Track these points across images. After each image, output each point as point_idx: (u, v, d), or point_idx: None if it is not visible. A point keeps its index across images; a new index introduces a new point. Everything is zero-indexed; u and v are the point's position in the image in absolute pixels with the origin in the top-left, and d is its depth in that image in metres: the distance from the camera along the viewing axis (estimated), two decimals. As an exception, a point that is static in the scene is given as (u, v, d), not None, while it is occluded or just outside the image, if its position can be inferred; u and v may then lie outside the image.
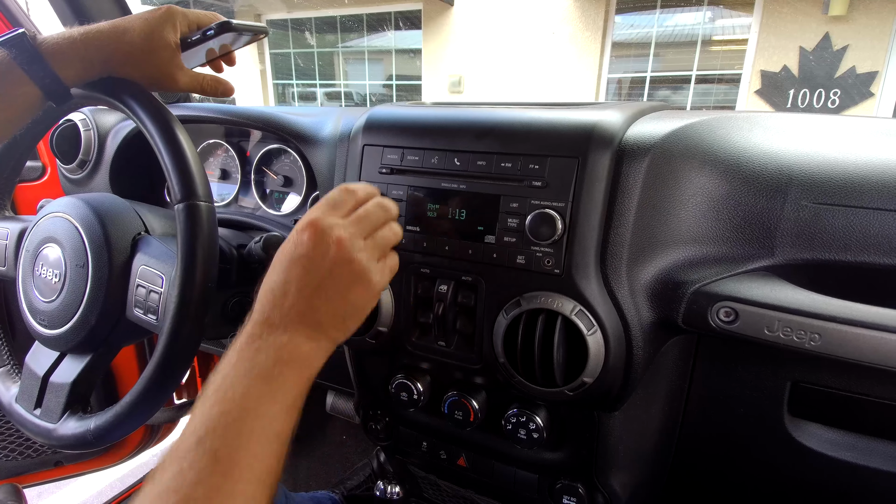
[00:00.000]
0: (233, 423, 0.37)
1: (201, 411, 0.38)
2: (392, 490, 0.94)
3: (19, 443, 1.17)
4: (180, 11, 0.59)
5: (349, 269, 0.46)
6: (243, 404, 0.39)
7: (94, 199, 0.66)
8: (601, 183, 0.53)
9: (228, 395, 0.39)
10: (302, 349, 0.44)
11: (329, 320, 0.46)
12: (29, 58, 0.52)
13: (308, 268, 0.45)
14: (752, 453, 0.63)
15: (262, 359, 0.42)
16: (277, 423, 0.40)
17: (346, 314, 0.47)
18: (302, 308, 0.45)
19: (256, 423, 0.38)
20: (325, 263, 0.46)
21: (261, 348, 0.42)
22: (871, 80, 5.40)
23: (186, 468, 0.35)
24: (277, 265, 0.47)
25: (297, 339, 0.44)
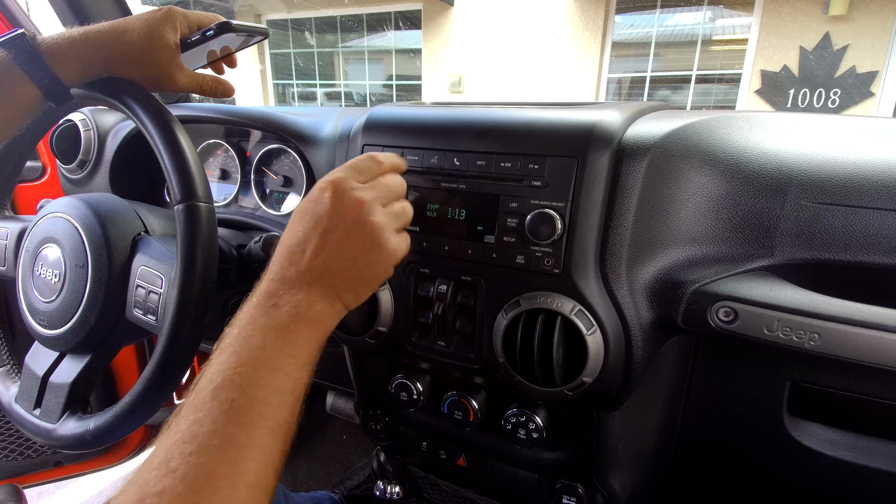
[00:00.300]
0: (249, 374, 0.38)
1: (218, 362, 0.39)
2: (392, 490, 0.94)
3: (19, 443, 1.18)
4: (180, 12, 0.59)
5: (367, 233, 0.47)
6: (259, 356, 0.39)
7: (94, 200, 0.66)
8: (601, 183, 0.53)
9: (245, 347, 0.39)
10: (317, 307, 0.44)
11: (343, 283, 0.46)
12: (28, 58, 0.52)
13: (327, 226, 0.46)
14: (752, 453, 0.63)
15: (279, 314, 0.42)
16: (292, 378, 0.40)
17: (360, 279, 0.47)
18: (318, 266, 0.45)
19: (272, 375, 0.39)
20: (343, 223, 0.46)
21: (278, 304, 0.43)
22: (872, 80, 5.40)
23: (202, 417, 0.35)
24: (296, 221, 0.47)
25: (312, 297, 0.44)
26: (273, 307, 0.43)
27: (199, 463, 0.33)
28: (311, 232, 0.46)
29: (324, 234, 0.45)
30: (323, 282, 0.45)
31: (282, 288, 0.44)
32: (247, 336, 0.40)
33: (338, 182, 0.47)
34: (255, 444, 0.35)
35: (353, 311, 0.63)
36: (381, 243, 0.47)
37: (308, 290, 0.44)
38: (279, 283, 0.44)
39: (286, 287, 0.44)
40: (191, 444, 0.34)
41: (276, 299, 0.43)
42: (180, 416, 0.36)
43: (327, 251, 0.45)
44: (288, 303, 0.43)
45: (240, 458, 0.34)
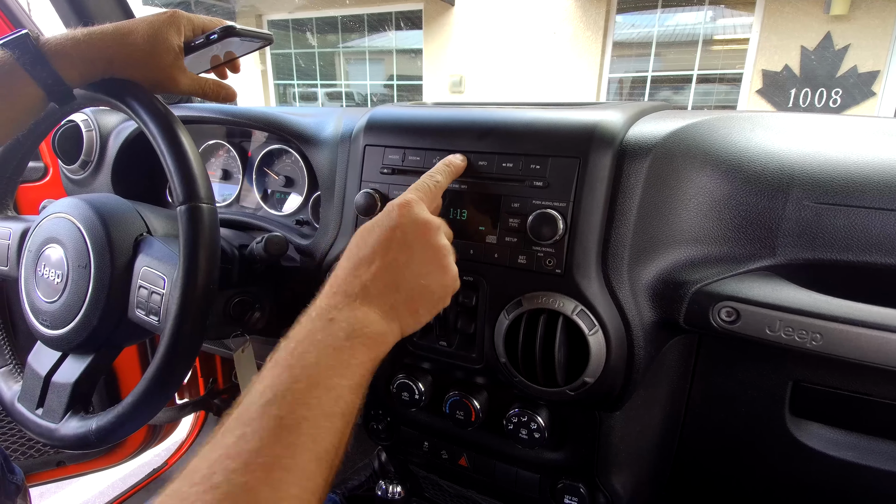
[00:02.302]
0: (301, 393, 0.36)
1: (271, 375, 0.38)
2: (393, 490, 0.94)
3: (22, 443, 1.18)
4: (185, 16, 0.60)
5: (435, 255, 0.47)
6: (313, 374, 0.38)
7: (97, 200, 0.67)
8: (602, 183, 0.53)
9: (300, 362, 0.38)
10: (374, 327, 0.43)
11: (404, 304, 0.45)
12: (32, 59, 0.52)
13: (399, 241, 0.45)
14: (754, 453, 0.63)
15: (336, 329, 0.41)
16: (343, 401, 0.38)
17: (422, 300, 0.47)
18: (383, 283, 0.44)
19: (325, 396, 0.37)
20: (416, 242, 0.46)
21: (335, 319, 0.41)
22: (873, 80, 5.39)
23: (249, 433, 0.34)
24: (364, 235, 0.47)
25: (371, 316, 0.43)
26: (330, 321, 0.41)
27: (241, 482, 0.31)
28: (379, 246, 0.45)
29: (393, 250, 0.45)
30: (385, 299, 0.44)
31: (342, 301, 0.43)
32: (302, 352, 0.39)
33: (409, 202, 0.48)
34: (300, 468, 0.34)
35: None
36: (447, 266, 0.48)
37: (368, 307, 0.43)
38: (340, 297, 0.43)
39: (346, 301, 0.43)
40: (235, 461, 0.32)
41: (335, 312, 0.42)
42: (226, 430, 0.35)
43: (395, 267, 0.45)
44: (346, 318, 0.42)
45: (283, 482, 0.33)
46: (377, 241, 0.46)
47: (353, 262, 0.46)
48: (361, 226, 0.49)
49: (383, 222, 0.47)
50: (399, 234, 0.46)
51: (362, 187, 0.65)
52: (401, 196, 0.49)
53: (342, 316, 0.42)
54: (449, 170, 0.55)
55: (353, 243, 0.47)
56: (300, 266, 0.78)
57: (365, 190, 0.63)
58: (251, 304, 0.71)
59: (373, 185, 0.65)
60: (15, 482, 0.81)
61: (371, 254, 0.45)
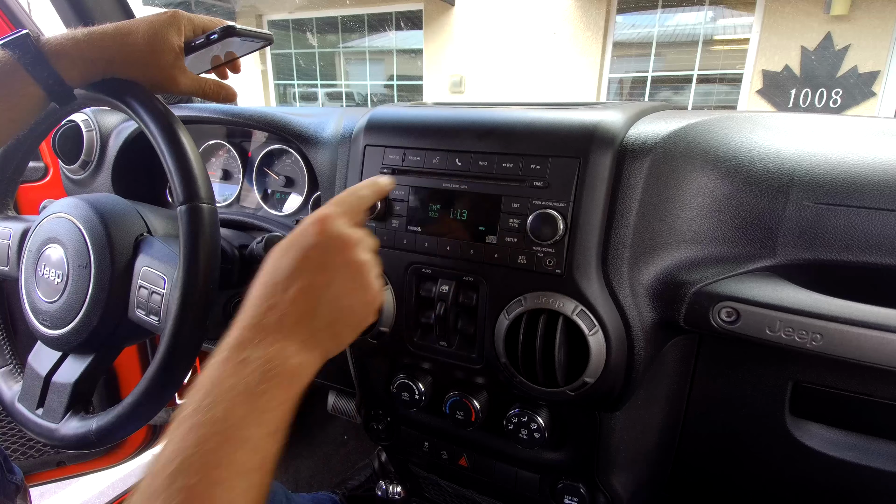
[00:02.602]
0: (211, 454, 0.33)
1: (177, 437, 0.34)
2: (393, 490, 0.94)
3: (22, 443, 1.18)
4: (185, 16, 0.60)
5: (358, 272, 0.44)
6: (224, 430, 0.34)
7: (97, 200, 0.67)
8: (602, 183, 0.53)
9: (207, 417, 0.34)
10: (293, 360, 0.39)
11: (326, 328, 0.43)
12: (32, 59, 0.52)
13: (317, 261, 0.42)
14: (754, 453, 0.63)
15: (248, 372, 0.37)
16: (261, 452, 0.35)
17: (345, 322, 0.44)
18: (301, 310, 0.41)
19: (238, 452, 0.34)
20: (336, 260, 0.43)
21: (248, 360, 0.38)
22: (873, 80, 5.39)
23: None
24: (279, 258, 0.43)
25: (288, 349, 0.40)
26: (241, 363, 0.37)
27: None
28: (296, 269, 0.42)
29: (311, 271, 0.42)
30: (304, 327, 0.41)
31: (255, 337, 0.39)
32: (210, 404, 0.35)
33: (327, 217, 0.44)
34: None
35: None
36: (370, 284, 0.45)
37: (285, 339, 0.40)
38: (253, 331, 0.39)
39: (260, 335, 0.39)
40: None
41: (247, 352, 0.38)
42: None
43: (313, 290, 0.42)
44: (259, 357, 0.38)
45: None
46: (293, 264, 0.42)
47: (266, 289, 0.42)
48: (275, 246, 0.45)
49: (299, 242, 0.43)
50: (317, 254, 0.43)
51: (362, 187, 0.65)
52: (318, 210, 0.46)
53: (255, 355, 0.38)
54: (374, 187, 0.52)
55: (266, 268, 0.43)
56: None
57: (365, 190, 0.63)
58: (251, 305, 0.71)
59: (373, 186, 0.65)
60: (14, 482, 0.81)
61: (287, 278, 0.42)
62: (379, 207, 0.63)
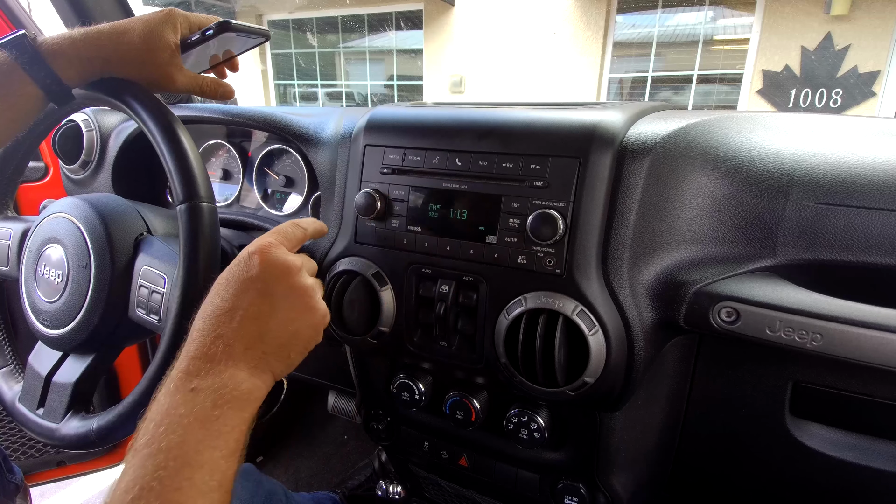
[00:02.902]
0: (170, 479, 0.33)
1: (133, 467, 0.34)
2: (393, 490, 0.94)
3: (22, 442, 1.18)
4: (181, 14, 0.60)
5: (301, 297, 0.46)
6: (180, 455, 0.34)
7: (97, 200, 0.67)
8: (602, 183, 0.53)
9: (163, 445, 0.35)
10: (243, 387, 0.40)
11: (274, 351, 0.43)
12: (30, 59, 0.52)
13: (262, 291, 0.44)
14: (754, 453, 0.63)
15: (201, 399, 0.37)
16: (218, 473, 0.35)
17: (292, 345, 0.45)
18: (249, 336, 0.42)
19: (196, 474, 0.34)
20: (278, 288, 0.44)
21: (198, 388, 0.38)
22: (873, 80, 5.39)
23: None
24: (222, 290, 0.44)
25: (239, 376, 0.40)
26: (192, 392, 0.38)
27: None
28: (240, 298, 0.43)
29: (255, 300, 0.43)
30: (253, 352, 0.42)
31: (203, 367, 0.39)
32: (165, 431, 0.35)
33: (266, 246, 0.46)
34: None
35: (355, 311, 0.64)
36: (314, 306, 0.47)
37: (234, 366, 0.40)
38: (200, 362, 0.40)
39: (209, 365, 0.39)
40: None
41: (197, 381, 0.38)
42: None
43: (259, 318, 0.42)
44: (210, 385, 0.38)
45: None
46: (237, 293, 0.43)
47: (211, 319, 0.42)
48: (218, 278, 0.45)
49: (240, 274, 0.44)
50: (259, 284, 0.44)
51: (362, 187, 0.65)
52: (257, 240, 0.47)
53: (206, 384, 0.38)
54: (315, 227, 0.55)
55: (209, 300, 0.44)
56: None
57: (365, 190, 0.63)
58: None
59: (373, 185, 0.65)
60: (15, 482, 0.81)
61: (232, 308, 0.42)
62: (379, 207, 0.63)
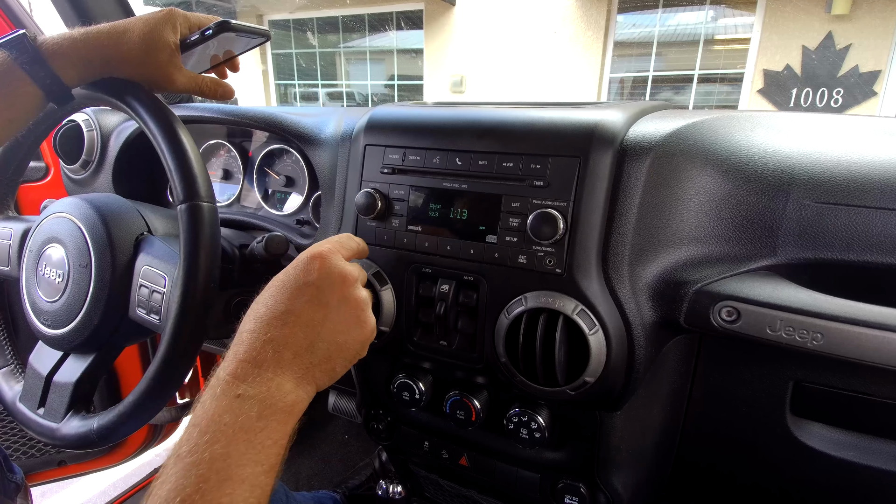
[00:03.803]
0: (211, 493, 0.33)
1: (175, 474, 0.34)
2: (394, 489, 0.94)
3: (23, 442, 1.18)
4: (181, 14, 0.60)
5: (353, 309, 0.45)
6: (223, 468, 0.34)
7: (97, 200, 0.67)
8: (603, 182, 0.53)
9: (206, 455, 0.34)
10: (288, 398, 0.39)
11: (321, 362, 0.43)
12: (30, 59, 0.52)
13: (317, 297, 0.43)
14: (755, 453, 0.63)
15: (244, 408, 0.37)
16: (259, 489, 0.35)
17: (339, 357, 0.44)
18: (297, 345, 0.41)
19: (237, 490, 0.34)
20: (333, 297, 0.43)
21: (244, 396, 0.37)
22: (875, 80, 5.38)
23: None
24: (277, 292, 0.43)
25: (285, 386, 0.39)
26: (238, 399, 0.37)
27: None
28: (294, 302, 0.42)
29: (309, 306, 0.42)
30: (299, 362, 0.41)
31: (251, 372, 0.39)
32: (209, 441, 0.35)
33: (326, 253, 0.45)
34: None
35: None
36: (364, 320, 0.46)
37: (282, 375, 0.39)
38: (248, 366, 0.39)
39: (256, 371, 0.39)
40: None
41: (244, 388, 0.38)
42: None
43: (311, 326, 0.42)
44: (256, 394, 0.38)
45: None
46: (290, 298, 0.42)
47: (262, 322, 0.41)
48: (273, 279, 0.45)
49: (298, 278, 0.43)
50: (315, 291, 0.43)
51: (363, 187, 0.65)
52: (316, 246, 0.47)
53: (252, 391, 0.38)
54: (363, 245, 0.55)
55: (262, 301, 0.43)
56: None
57: (365, 189, 0.63)
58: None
59: (373, 185, 0.65)
60: (15, 481, 0.81)
61: (284, 313, 0.42)
62: (379, 207, 0.63)
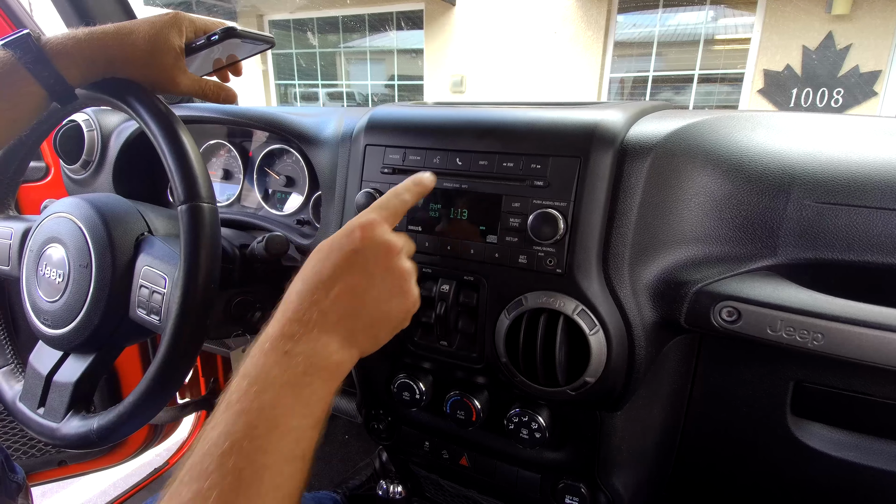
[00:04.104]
0: (259, 440, 0.34)
1: (224, 420, 0.35)
2: (394, 490, 0.94)
3: (23, 442, 1.18)
4: (187, 17, 0.60)
5: (397, 278, 0.45)
6: (271, 417, 0.35)
7: (98, 200, 0.67)
8: (603, 182, 0.53)
9: (255, 404, 0.36)
10: (334, 357, 0.41)
11: (364, 329, 0.44)
12: (34, 58, 0.52)
13: (361, 265, 0.44)
14: (755, 453, 0.63)
15: (292, 364, 0.38)
16: (304, 441, 0.37)
17: (382, 324, 0.45)
18: (342, 309, 0.42)
19: (285, 439, 0.35)
20: (377, 265, 0.44)
21: (292, 352, 0.39)
22: (875, 80, 5.38)
23: (206, 489, 0.31)
24: (322, 257, 0.44)
25: (330, 346, 0.41)
26: (286, 356, 0.39)
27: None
28: (339, 270, 0.43)
29: (353, 274, 0.43)
30: (344, 325, 0.42)
31: (298, 331, 0.40)
32: (258, 392, 0.36)
33: (371, 223, 0.46)
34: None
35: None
36: (408, 290, 0.47)
37: (327, 336, 0.41)
38: (296, 326, 0.40)
39: (304, 330, 0.40)
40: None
41: (291, 345, 0.39)
42: (181, 483, 0.32)
43: (355, 292, 0.43)
44: (303, 351, 0.39)
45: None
46: (336, 265, 0.43)
47: (309, 286, 0.43)
48: (318, 245, 0.46)
49: (343, 245, 0.44)
50: (360, 259, 0.44)
51: (363, 187, 0.65)
52: (363, 214, 0.47)
53: (299, 348, 0.39)
54: (417, 189, 0.53)
55: (310, 266, 0.45)
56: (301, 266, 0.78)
57: (366, 189, 0.63)
58: (252, 304, 0.71)
59: (373, 185, 0.65)
60: (16, 481, 0.81)
61: (330, 278, 0.43)
62: None
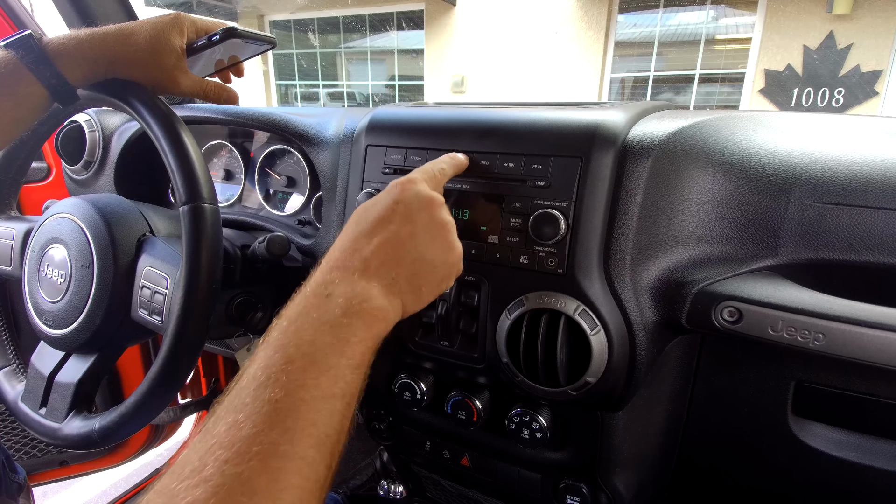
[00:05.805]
0: (297, 374, 0.34)
1: (263, 356, 0.35)
2: (395, 489, 0.94)
3: (25, 442, 1.18)
4: (188, 18, 0.60)
5: (441, 230, 0.45)
6: (309, 353, 0.35)
7: (100, 200, 0.67)
8: (604, 183, 0.53)
9: (293, 341, 0.36)
10: (375, 302, 0.40)
11: (406, 280, 0.43)
12: (35, 58, 0.52)
13: (403, 214, 0.44)
14: (756, 453, 0.63)
15: (332, 306, 0.38)
16: (344, 381, 0.36)
17: (425, 278, 0.44)
18: (384, 256, 0.42)
19: (323, 376, 0.35)
20: (420, 215, 0.44)
21: (332, 294, 0.39)
22: (876, 79, 5.38)
23: (242, 419, 0.31)
24: (365, 211, 0.45)
25: (372, 291, 0.40)
26: (326, 297, 0.39)
27: (235, 473, 0.28)
28: (381, 219, 0.44)
29: (395, 223, 0.43)
30: (386, 272, 0.42)
31: (339, 276, 0.40)
32: (296, 330, 0.36)
33: (412, 179, 0.47)
34: (299, 456, 0.31)
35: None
36: (452, 242, 0.46)
37: (367, 281, 0.41)
38: (337, 272, 0.41)
39: (344, 276, 0.40)
40: (227, 451, 0.29)
41: (332, 288, 0.39)
42: (217, 418, 0.32)
43: (397, 240, 0.43)
44: (343, 293, 0.39)
45: (281, 471, 0.30)
46: (378, 215, 0.44)
47: (351, 236, 0.43)
48: (363, 203, 0.47)
49: (384, 198, 0.45)
50: (402, 208, 0.44)
51: (364, 187, 0.65)
52: (403, 177, 0.48)
53: (339, 291, 0.39)
54: (453, 163, 0.54)
55: (353, 219, 0.45)
56: (302, 266, 0.78)
57: (367, 190, 0.63)
58: (253, 305, 0.71)
59: (375, 186, 0.65)
60: (18, 481, 0.81)
61: (371, 228, 0.43)
62: None
